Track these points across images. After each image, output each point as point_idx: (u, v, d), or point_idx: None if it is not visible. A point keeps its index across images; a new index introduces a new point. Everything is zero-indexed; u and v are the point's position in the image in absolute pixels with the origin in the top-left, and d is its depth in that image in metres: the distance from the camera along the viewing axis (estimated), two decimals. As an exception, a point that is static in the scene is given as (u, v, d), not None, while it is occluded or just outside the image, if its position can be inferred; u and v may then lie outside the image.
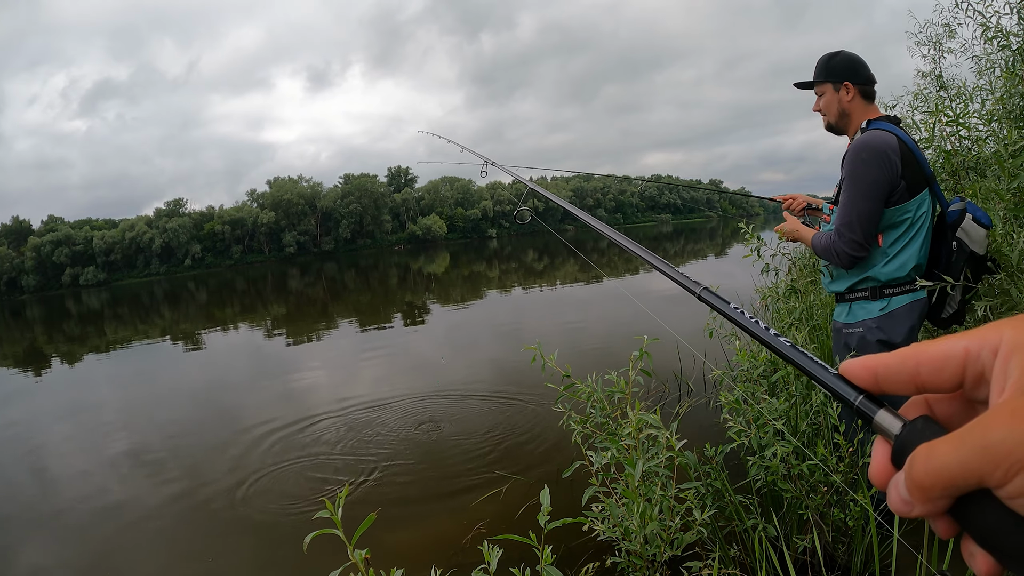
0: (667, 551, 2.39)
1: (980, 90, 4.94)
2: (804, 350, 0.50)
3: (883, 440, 0.40)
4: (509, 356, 9.17)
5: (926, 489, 0.34)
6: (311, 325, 16.97)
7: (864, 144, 2.58)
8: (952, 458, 0.33)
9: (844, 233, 2.62)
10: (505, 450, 5.41)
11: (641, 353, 2.67)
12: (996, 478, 0.31)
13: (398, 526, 4.21)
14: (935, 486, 0.34)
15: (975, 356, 0.37)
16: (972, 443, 0.32)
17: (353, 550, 1.48)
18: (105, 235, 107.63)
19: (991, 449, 0.31)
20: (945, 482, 0.33)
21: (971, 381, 0.37)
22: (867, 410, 0.41)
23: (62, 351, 18.32)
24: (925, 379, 0.39)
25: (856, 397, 0.42)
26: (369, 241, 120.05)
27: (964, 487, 0.33)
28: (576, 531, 2.55)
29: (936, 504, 0.35)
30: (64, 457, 6.95)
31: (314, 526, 1.54)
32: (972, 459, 0.32)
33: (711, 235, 61.90)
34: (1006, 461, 0.31)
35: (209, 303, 33.11)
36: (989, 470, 0.31)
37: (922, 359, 0.39)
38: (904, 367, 0.40)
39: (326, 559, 3.36)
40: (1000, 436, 0.31)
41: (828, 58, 2.80)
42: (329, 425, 6.76)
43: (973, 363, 0.37)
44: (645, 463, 2.34)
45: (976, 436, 0.32)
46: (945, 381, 0.38)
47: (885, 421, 0.40)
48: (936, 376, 0.38)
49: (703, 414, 5.54)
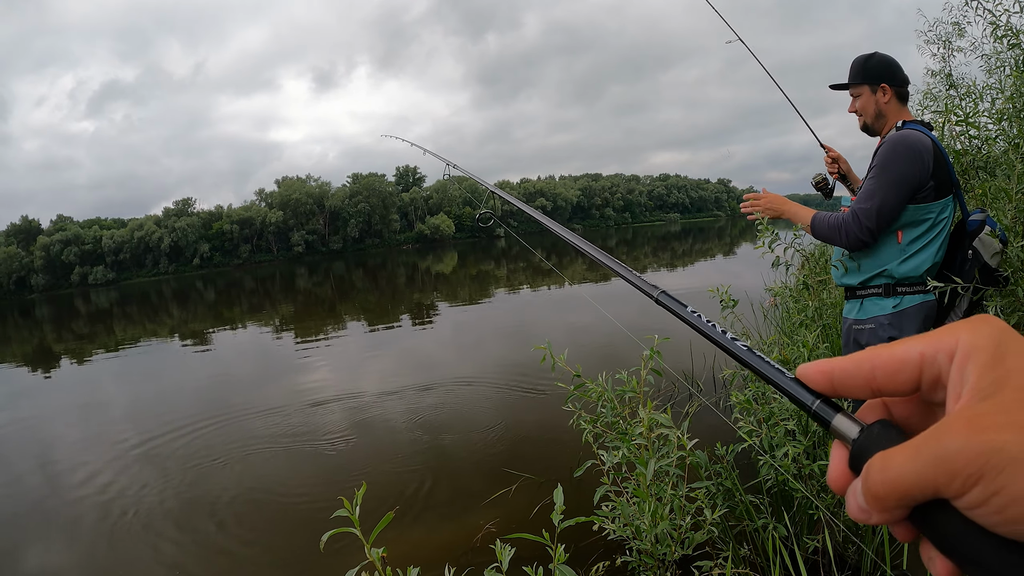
0: (678, 550, 2.39)
1: (990, 89, 4.92)
2: (761, 354, 0.49)
3: (841, 444, 0.40)
4: (517, 355, 9.18)
5: (882, 499, 0.34)
6: (319, 324, 17.01)
7: (902, 138, 2.58)
8: (907, 469, 0.33)
9: (860, 218, 2.60)
10: (513, 449, 5.43)
11: (652, 352, 2.67)
12: (952, 489, 0.31)
13: (407, 524, 4.23)
14: (890, 496, 0.33)
15: (931, 360, 0.36)
16: (927, 454, 0.32)
17: (370, 548, 1.49)
18: (114, 234, 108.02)
19: (947, 460, 0.31)
20: (901, 493, 0.33)
21: (928, 385, 0.37)
22: (824, 415, 0.41)
23: (71, 350, 18.42)
24: (881, 383, 0.38)
25: (813, 402, 0.42)
26: (377, 240, 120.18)
27: (920, 497, 0.33)
28: (586, 530, 2.56)
29: (893, 513, 0.34)
30: (73, 455, 6.99)
31: (329, 523, 1.55)
32: (927, 470, 0.32)
33: (719, 234, 61.70)
34: (962, 472, 0.30)
35: (218, 302, 33.22)
36: (945, 481, 0.31)
37: (877, 363, 0.38)
38: (860, 371, 0.39)
39: (334, 555, 3.39)
40: (956, 447, 0.31)
41: (864, 60, 2.79)
42: (337, 423, 6.79)
43: (929, 367, 0.36)
44: (657, 462, 2.35)
45: (931, 447, 0.32)
46: (901, 385, 0.38)
47: (842, 426, 0.40)
48: (891, 380, 0.38)
49: (713, 413, 5.52)
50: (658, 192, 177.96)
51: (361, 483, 1.63)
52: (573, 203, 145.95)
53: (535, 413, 6.35)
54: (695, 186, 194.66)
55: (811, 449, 2.76)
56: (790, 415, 2.69)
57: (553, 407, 6.21)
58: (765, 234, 3.02)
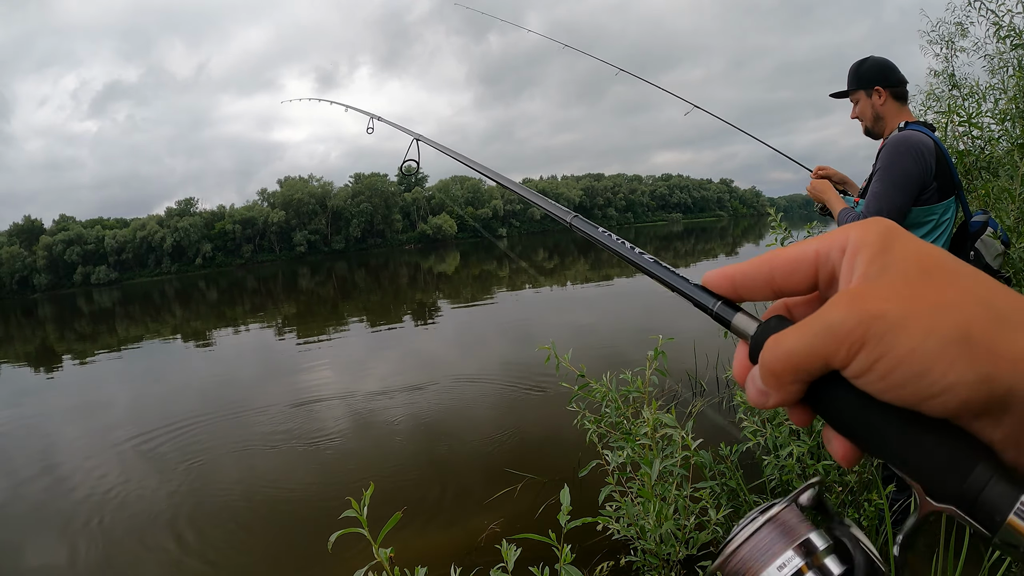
0: (682, 550, 2.40)
1: (993, 89, 4.92)
2: (666, 265, 0.50)
3: (743, 343, 0.41)
4: (520, 355, 9.17)
5: (777, 374, 0.36)
6: (322, 324, 17.02)
7: (903, 139, 2.58)
8: (798, 343, 0.35)
9: None
10: (518, 449, 5.44)
11: (656, 352, 2.68)
12: (840, 358, 0.33)
13: (412, 524, 4.23)
14: (785, 371, 0.35)
15: (825, 257, 0.38)
16: (815, 327, 0.34)
17: (378, 548, 1.50)
18: (116, 234, 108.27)
19: (832, 330, 0.33)
20: (793, 365, 0.35)
21: (824, 282, 0.39)
22: (725, 315, 0.43)
23: (74, 349, 18.47)
24: (780, 283, 0.40)
25: (714, 304, 0.43)
26: (380, 240, 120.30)
27: (812, 369, 0.35)
28: (590, 530, 2.57)
29: (789, 390, 0.36)
30: (75, 454, 7.02)
31: (335, 522, 1.56)
32: (815, 342, 0.34)
33: (722, 234, 61.64)
34: (847, 340, 0.33)
35: (220, 302, 33.26)
36: (832, 350, 0.33)
37: (776, 263, 0.40)
38: (759, 272, 0.41)
39: (338, 555, 3.40)
40: (840, 317, 0.33)
41: (857, 66, 2.81)
42: (341, 422, 6.81)
43: (824, 264, 0.38)
44: (661, 462, 2.35)
45: (818, 320, 0.34)
46: (799, 283, 0.39)
47: (742, 323, 0.42)
48: (789, 279, 0.40)
49: (718, 413, 5.54)
50: (660, 192, 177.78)
51: (368, 483, 1.64)
52: (576, 203, 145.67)
53: (538, 413, 6.35)
54: (697, 186, 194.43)
55: (815, 449, 2.76)
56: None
57: (556, 407, 6.21)
58: (777, 230, 3.03)
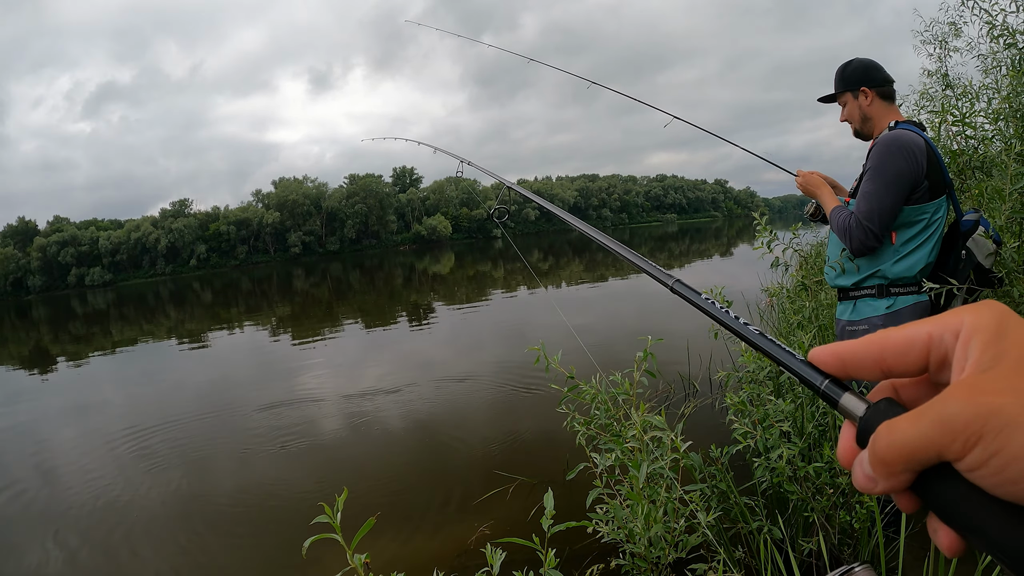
0: (672, 553, 2.37)
1: (986, 89, 4.91)
2: (773, 338, 0.51)
3: (850, 423, 0.41)
4: (511, 356, 9.15)
5: (888, 463, 0.35)
6: (316, 325, 16.99)
7: (894, 138, 2.57)
8: (912, 432, 0.34)
9: (863, 221, 2.59)
10: (509, 450, 5.41)
11: (645, 354, 2.65)
12: (954, 450, 0.33)
13: (400, 528, 4.20)
14: (896, 460, 0.35)
15: (938, 340, 0.38)
16: (930, 417, 0.34)
17: (352, 555, 1.47)
18: (111, 235, 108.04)
19: (948, 422, 0.33)
20: (906, 455, 0.34)
21: (935, 365, 0.38)
22: (832, 394, 0.42)
23: (68, 351, 18.38)
24: (890, 364, 0.40)
25: (822, 382, 0.43)
26: (374, 241, 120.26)
27: (924, 460, 0.34)
28: (580, 533, 2.54)
29: (898, 479, 0.36)
30: (69, 457, 6.97)
31: (314, 530, 1.53)
32: (930, 432, 0.33)
33: (716, 235, 61.80)
34: (963, 434, 0.32)
35: (214, 303, 33.19)
36: (947, 443, 0.33)
37: (887, 344, 0.40)
38: (869, 352, 0.41)
39: (319, 560, 3.37)
40: (957, 409, 0.33)
41: (842, 68, 2.81)
42: (333, 424, 6.79)
43: (936, 347, 0.38)
44: (650, 465, 2.32)
45: (934, 410, 0.34)
46: (909, 365, 0.39)
47: (850, 404, 0.41)
48: (900, 360, 0.39)
49: (709, 415, 5.52)
50: (655, 193, 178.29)
51: (354, 486, 1.61)
52: (570, 204, 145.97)
53: (530, 414, 6.33)
54: (692, 187, 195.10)
55: (806, 451, 2.74)
56: (785, 417, 2.67)
57: (547, 408, 6.19)
58: (763, 234, 3.00)
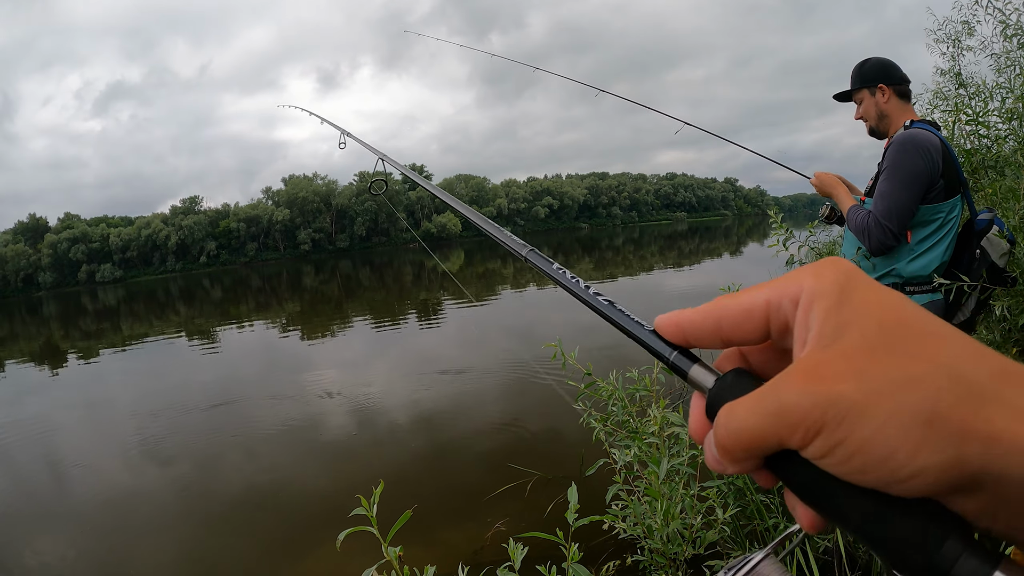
0: (689, 549, 2.40)
1: (1000, 88, 4.90)
2: (622, 308, 0.47)
3: (700, 395, 0.39)
4: (526, 352, 9.15)
5: (730, 451, 0.33)
6: (326, 322, 17.05)
7: (910, 137, 2.58)
8: (749, 423, 0.32)
9: (881, 220, 2.60)
10: (524, 446, 5.44)
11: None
12: (795, 441, 0.31)
13: (417, 521, 4.23)
14: (736, 449, 0.33)
15: (776, 307, 0.35)
16: (766, 407, 0.32)
17: (387, 547, 1.51)
18: (121, 232, 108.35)
19: (785, 412, 0.31)
20: (745, 444, 0.32)
21: (777, 333, 0.36)
22: (681, 365, 0.40)
23: (79, 347, 18.52)
24: (728, 333, 0.38)
25: (671, 353, 0.41)
26: (384, 239, 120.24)
27: (766, 448, 0.32)
28: (595, 530, 2.57)
29: (745, 464, 0.34)
30: (79, 452, 7.06)
31: (341, 519, 1.56)
32: (767, 424, 0.31)
33: (726, 233, 61.55)
34: (802, 424, 0.30)
35: (224, 300, 33.32)
36: (786, 434, 0.31)
37: (724, 314, 0.38)
38: (707, 321, 0.38)
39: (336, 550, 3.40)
40: (794, 399, 0.30)
41: (860, 66, 2.81)
42: (346, 419, 6.82)
43: (775, 314, 0.35)
44: (669, 461, 2.35)
45: (770, 399, 0.32)
46: (748, 334, 0.37)
47: (699, 376, 0.39)
48: (738, 330, 0.37)
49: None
50: (665, 191, 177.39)
51: (374, 479, 1.64)
52: (580, 202, 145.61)
53: (543, 409, 6.35)
54: (702, 185, 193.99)
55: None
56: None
57: (560, 405, 6.21)
58: (779, 231, 3.02)
